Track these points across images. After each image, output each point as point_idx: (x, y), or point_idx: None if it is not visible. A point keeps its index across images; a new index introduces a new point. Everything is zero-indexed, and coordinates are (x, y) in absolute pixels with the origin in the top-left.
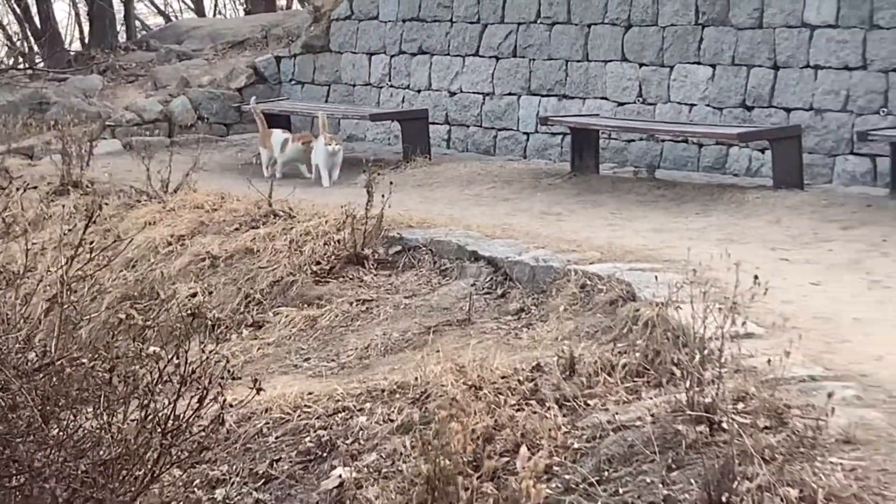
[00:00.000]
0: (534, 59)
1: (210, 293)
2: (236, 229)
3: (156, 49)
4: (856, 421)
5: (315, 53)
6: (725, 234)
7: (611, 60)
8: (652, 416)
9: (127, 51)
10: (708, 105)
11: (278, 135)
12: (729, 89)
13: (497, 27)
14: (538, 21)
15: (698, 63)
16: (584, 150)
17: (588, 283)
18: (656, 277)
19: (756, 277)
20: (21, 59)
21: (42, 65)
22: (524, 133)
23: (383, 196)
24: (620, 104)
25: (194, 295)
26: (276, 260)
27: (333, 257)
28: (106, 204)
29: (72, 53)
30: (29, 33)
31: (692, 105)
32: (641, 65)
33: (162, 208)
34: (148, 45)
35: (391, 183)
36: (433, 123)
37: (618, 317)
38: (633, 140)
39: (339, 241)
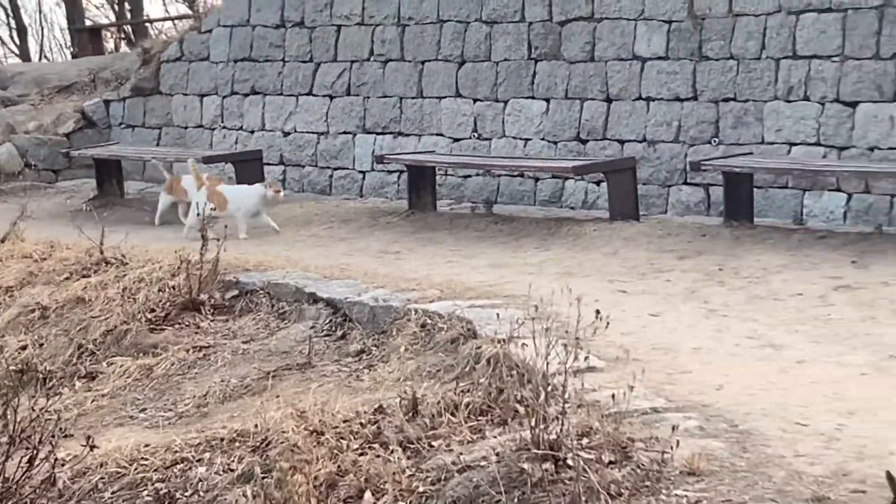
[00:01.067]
0: (368, 97)
1: (41, 345)
2: (67, 278)
3: None
4: (699, 452)
5: (145, 96)
6: (564, 267)
7: (445, 96)
8: (497, 455)
9: None
10: (543, 139)
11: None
12: (563, 123)
13: (330, 65)
14: (371, 59)
15: (532, 97)
16: (420, 187)
17: (429, 321)
18: (497, 315)
19: (598, 312)
20: None
21: None
22: (360, 172)
23: (218, 240)
24: (456, 140)
25: (24, 348)
26: (109, 308)
27: (168, 304)
28: None
29: None
30: None
31: (527, 139)
32: (476, 100)
33: None
34: None
35: (225, 226)
36: (268, 164)
37: (460, 355)
38: (470, 176)
39: (174, 287)
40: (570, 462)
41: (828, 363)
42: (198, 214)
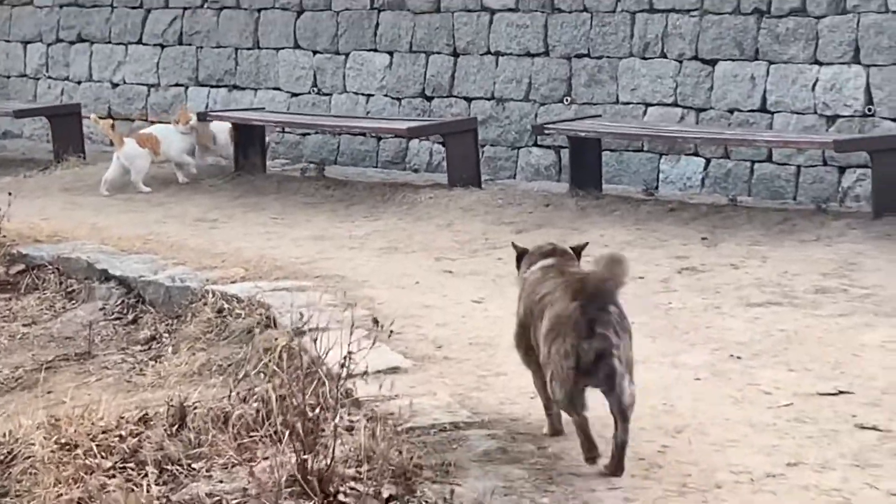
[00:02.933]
0: (201, 47)
1: None
2: None
3: None
4: (498, 485)
5: None
6: (390, 241)
7: (283, 48)
8: (259, 485)
9: None
10: (386, 95)
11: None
12: (407, 78)
13: (161, 12)
14: (205, 6)
15: (375, 50)
16: (248, 146)
17: (226, 306)
18: (293, 303)
19: (376, 321)
20: None
21: None
22: None
23: (9, 205)
24: (294, 94)
25: None
26: None
27: None
28: None
29: None
30: None
31: (370, 95)
32: (315, 52)
33: None
34: None
35: (9, 195)
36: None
37: (253, 348)
38: (309, 134)
39: None
40: (341, 498)
41: (662, 364)
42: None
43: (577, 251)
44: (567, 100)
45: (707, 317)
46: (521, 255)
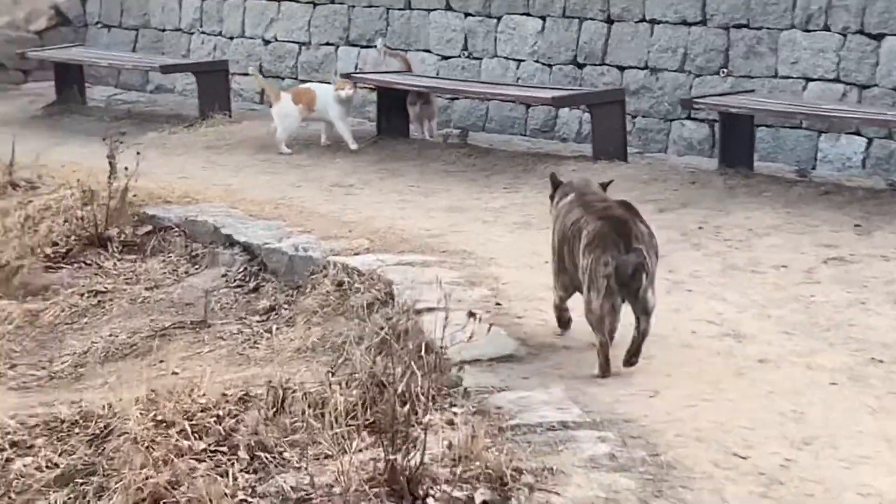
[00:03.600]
0: (353, 6)
1: None
2: None
3: None
4: (600, 496)
5: None
6: (525, 215)
7: (435, 9)
8: (346, 482)
9: None
10: (537, 61)
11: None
12: (559, 44)
13: None
14: None
15: (528, 14)
16: (391, 111)
17: (347, 279)
18: (412, 281)
19: (471, 314)
20: None
21: None
22: None
23: (137, 165)
24: (444, 58)
25: None
26: (6, 240)
27: (74, 238)
28: None
29: None
30: None
31: (520, 61)
32: (467, 14)
33: None
34: None
35: (135, 153)
36: (245, 75)
37: (369, 326)
38: (458, 98)
39: (81, 219)
40: (430, 503)
41: (795, 365)
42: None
43: (604, 186)
44: (723, 72)
45: (850, 313)
46: (556, 186)
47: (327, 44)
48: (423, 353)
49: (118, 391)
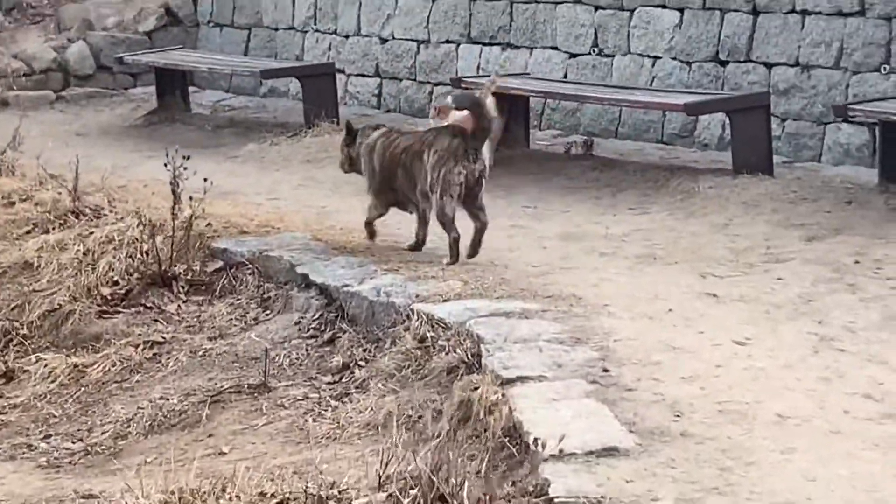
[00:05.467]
0: (474, 0)
1: None
2: (28, 232)
3: None
4: None
5: None
6: (651, 245)
7: (562, 2)
8: None
9: None
10: (674, 58)
11: None
12: (699, 39)
13: None
14: None
15: (663, 6)
16: (510, 118)
17: (430, 333)
18: (505, 339)
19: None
20: None
21: None
22: None
23: (204, 193)
24: (573, 55)
25: None
26: (60, 279)
27: (136, 276)
28: None
29: None
30: None
31: (656, 58)
32: (598, 7)
33: None
34: None
35: (205, 181)
36: (362, 76)
37: (451, 398)
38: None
39: (146, 254)
40: None
41: None
42: None
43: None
44: (885, 68)
45: None
46: (354, 131)
47: (447, 41)
48: (507, 439)
49: (144, 481)
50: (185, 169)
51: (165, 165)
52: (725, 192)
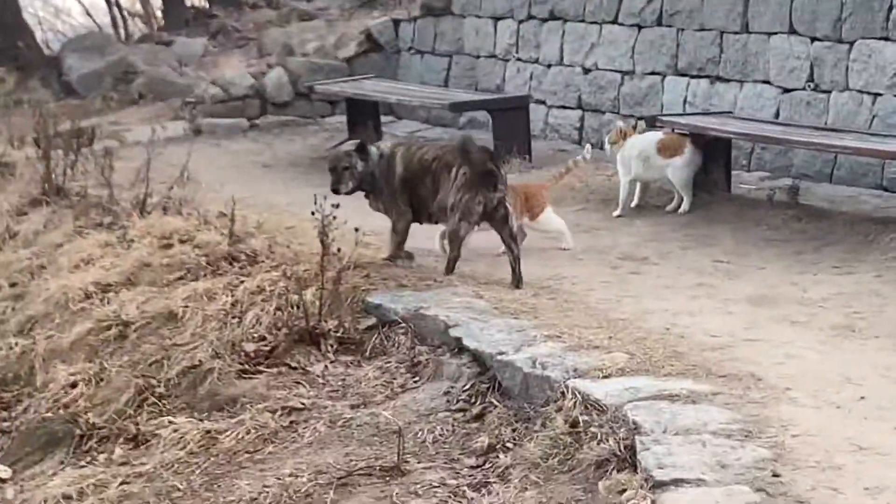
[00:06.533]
0: (682, 30)
1: (98, 381)
2: (180, 278)
3: (279, 7)
4: None
5: (436, 16)
6: (850, 313)
7: (776, 32)
8: None
9: (254, 7)
10: None
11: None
12: None
13: None
14: None
15: (886, 39)
16: (710, 160)
17: (584, 417)
18: (665, 429)
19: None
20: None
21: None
22: None
23: (356, 244)
24: (786, 90)
25: (74, 385)
26: (203, 333)
27: (285, 331)
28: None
29: (192, 11)
30: None
31: (877, 94)
32: (814, 39)
33: (119, 237)
34: (276, 2)
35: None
36: (563, 108)
37: (598, 498)
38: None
39: (297, 307)
40: None
41: None
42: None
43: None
44: None
45: None
46: (364, 146)
47: (653, 73)
48: None
49: None
50: (335, 218)
51: (313, 213)
52: None
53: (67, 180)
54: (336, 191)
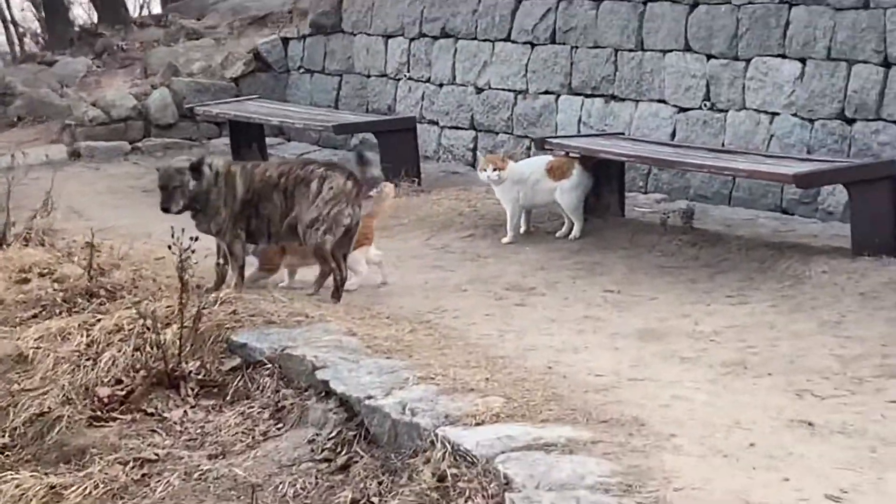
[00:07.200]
0: (576, 47)
1: None
2: (34, 316)
3: (168, 25)
4: None
5: (326, 34)
6: (742, 349)
7: (671, 50)
8: None
9: (142, 26)
10: (795, 114)
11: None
12: (823, 93)
13: (532, 4)
14: None
15: (783, 56)
16: (602, 183)
17: (452, 471)
18: (538, 484)
19: None
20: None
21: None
22: None
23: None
24: (682, 110)
25: None
26: (55, 377)
27: (143, 373)
28: None
29: (76, 30)
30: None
31: (774, 114)
32: (710, 57)
33: None
34: (165, 20)
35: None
36: (456, 128)
37: None
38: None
39: (156, 347)
40: None
41: None
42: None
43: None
44: None
45: None
46: (200, 164)
47: (547, 92)
48: None
49: None
50: (193, 252)
51: (170, 248)
52: (842, 278)
53: None
54: (166, 210)
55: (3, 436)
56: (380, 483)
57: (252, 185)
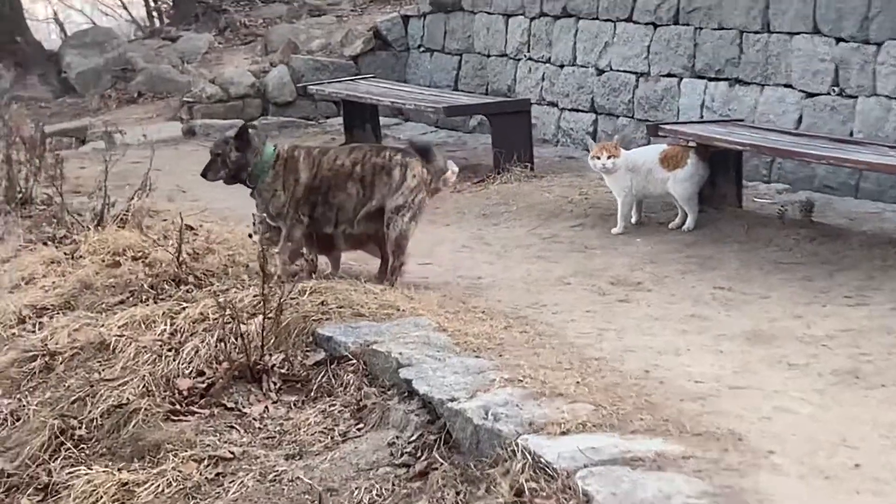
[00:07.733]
0: (700, 28)
1: (16, 421)
2: (121, 302)
3: (291, 2)
4: None
5: (446, 12)
6: (854, 355)
7: (798, 32)
8: None
9: (266, 2)
10: None
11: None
12: None
13: None
14: None
15: None
16: (718, 172)
17: (531, 485)
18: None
19: None
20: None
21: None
22: None
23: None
24: (809, 95)
25: None
26: (136, 367)
27: (226, 364)
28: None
29: (202, 5)
30: None
31: None
32: (839, 40)
33: (67, 252)
34: None
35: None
36: (576, 111)
37: None
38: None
39: (241, 337)
40: None
41: None
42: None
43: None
44: None
45: None
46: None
47: (669, 74)
48: None
49: None
50: (255, 233)
51: (250, 237)
52: None
53: (34, 187)
54: (204, 176)
55: (80, 427)
56: (458, 493)
57: (319, 172)
